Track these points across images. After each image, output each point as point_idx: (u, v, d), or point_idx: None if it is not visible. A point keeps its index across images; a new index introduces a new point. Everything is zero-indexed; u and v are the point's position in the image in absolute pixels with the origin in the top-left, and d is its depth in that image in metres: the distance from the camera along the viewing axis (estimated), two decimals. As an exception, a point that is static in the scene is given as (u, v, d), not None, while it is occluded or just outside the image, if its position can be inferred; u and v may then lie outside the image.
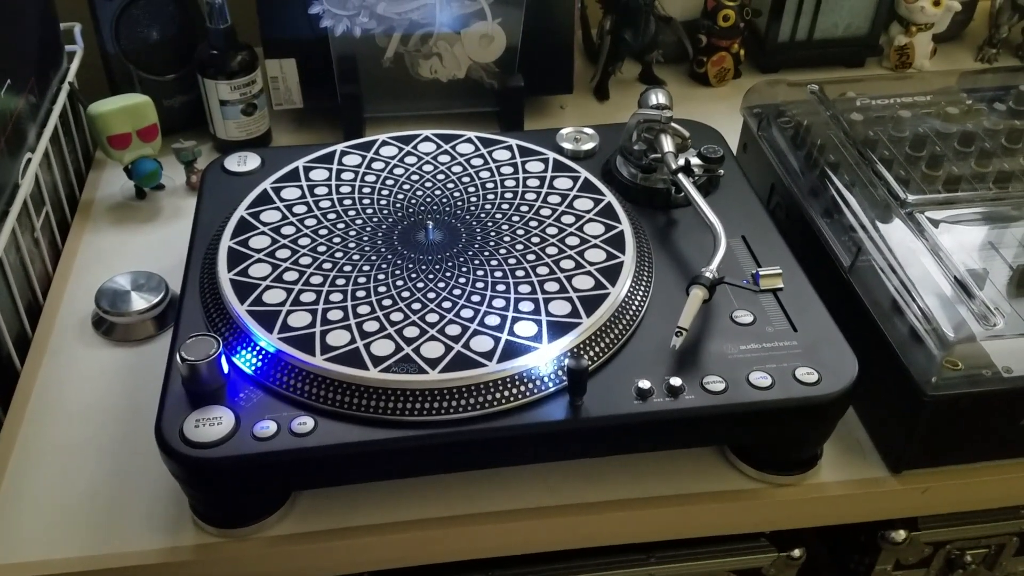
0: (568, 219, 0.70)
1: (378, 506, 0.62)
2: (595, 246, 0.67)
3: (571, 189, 0.73)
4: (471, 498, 0.63)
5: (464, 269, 0.65)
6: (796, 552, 0.72)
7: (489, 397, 0.57)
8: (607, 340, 0.61)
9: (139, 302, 0.73)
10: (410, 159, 0.76)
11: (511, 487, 0.63)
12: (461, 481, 0.63)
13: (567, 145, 0.79)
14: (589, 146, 0.79)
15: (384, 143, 0.77)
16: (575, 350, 0.59)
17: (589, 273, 0.64)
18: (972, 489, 0.66)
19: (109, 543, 0.60)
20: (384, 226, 0.69)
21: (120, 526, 0.61)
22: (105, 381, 0.70)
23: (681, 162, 0.72)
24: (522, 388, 0.57)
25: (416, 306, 0.62)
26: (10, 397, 0.69)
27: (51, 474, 0.64)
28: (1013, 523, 0.75)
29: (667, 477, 0.64)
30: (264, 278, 0.64)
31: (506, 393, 0.57)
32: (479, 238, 0.68)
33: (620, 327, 0.62)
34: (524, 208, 0.71)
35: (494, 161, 0.76)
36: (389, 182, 0.73)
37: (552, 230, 0.69)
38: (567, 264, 0.65)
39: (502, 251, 0.66)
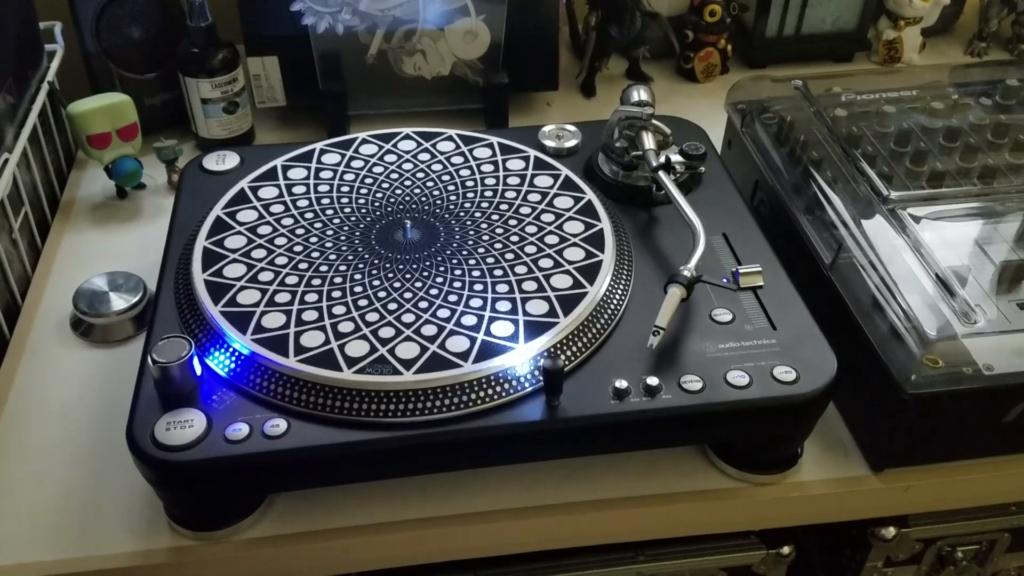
0: (548, 217, 0.69)
1: (355, 508, 0.62)
2: (574, 244, 0.66)
3: (551, 187, 0.72)
4: (450, 499, 0.62)
5: (442, 268, 0.64)
6: (786, 549, 0.71)
7: (464, 398, 0.56)
8: (584, 340, 0.60)
9: (117, 303, 0.73)
10: (390, 157, 0.75)
11: (490, 488, 0.63)
12: (439, 482, 0.63)
13: (549, 143, 0.78)
14: (572, 143, 0.79)
15: (364, 141, 0.77)
16: (552, 350, 0.59)
17: (567, 272, 0.64)
18: (954, 487, 0.66)
19: (84, 546, 0.59)
20: (362, 225, 0.68)
21: (95, 529, 0.60)
22: (83, 382, 0.70)
23: (662, 159, 0.71)
24: (498, 388, 0.57)
25: (392, 306, 0.61)
26: (-13, 399, 0.69)
27: (27, 476, 0.63)
28: (1004, 519, 0.74)
29: (647, 477, 0.64)
30: (239, 279, 0.63)
31: (482, 394, 0.57)
32: (458, 237, 0.67)
33: (598, 326, 0.61)
34: (504, 206, 0.70)
35: (475, 159, 0.75)
36: (368, 180, 0.73)
37: (531, 228, 0.68)
38: (545, 263, 0.65)
39: (480, 250, 0.66)
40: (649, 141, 0.72)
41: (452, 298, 0.62)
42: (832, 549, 0.80)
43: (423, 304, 0.61)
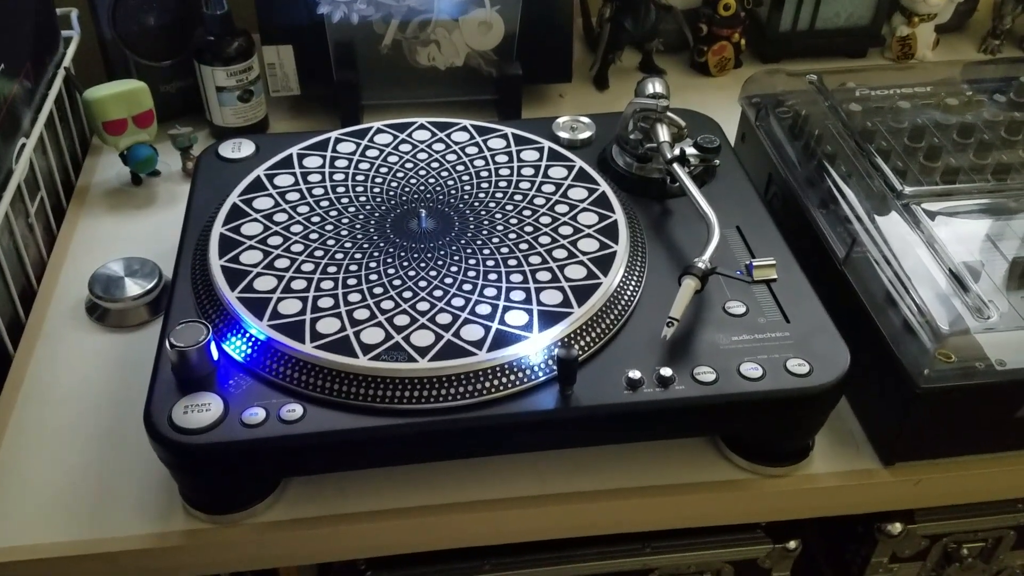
0: (562, 208, 0.69)
1: (368, 494, 0.62)
2: (588, 235, 0.67)
3: (565, 178, 0.72)
4: (462, 486, 0.63)
5: (456, 258, 0.65)
6: (792, 544, 0.72)
7: (478, 386, 0.57)
8: (598, 330, 0.60)
9: (132, 288, 0.73)
10: (404, 147, 0.76)
11: (502, 476, 0.63)
12: (452, 469, 0.63)
13: (563, 134, 0.79)
14: (585, 135, 0.79)
15: (379, 131, 0.77)
16: (566, 340, 0.59)
17: (581, 263, 0.64)
18: (965, 482, 0.66)
19: (99, 528, 0.60)
20: (377, 214, 0.69)
21: (110, 511, 0.61)
22: (98, 366, 0.70)
23: (676, 152, 0.71)
24: (512, 377, 0.57)
25: (407, 294, 0.62)
26: (2, 382, 0.69)
27: (42, 459, 0.64)
28: (1011, 516, 0.75)
29: (658, 467, 0.64)
30: (255, 265, 0.64)
31: (496, 382, 0.57)
32: (472, 227, 0.67)
33: (611, 317, 0.61)
34: (518, 197, 0.70)
35: (489, 149, 0.75)
36: (383, 170, 0.73)
37: (545, 219, 0.68)
38: (559, 253, 0.65)
39: (495, 240, 0.66)
40: (664, 133, 0.73)
41: (467, 287, 0.62)
42: (838, 544, 0.80)
43: (438, 293, 0.62)
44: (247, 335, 0.59)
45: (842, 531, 0.78)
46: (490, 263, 0.64)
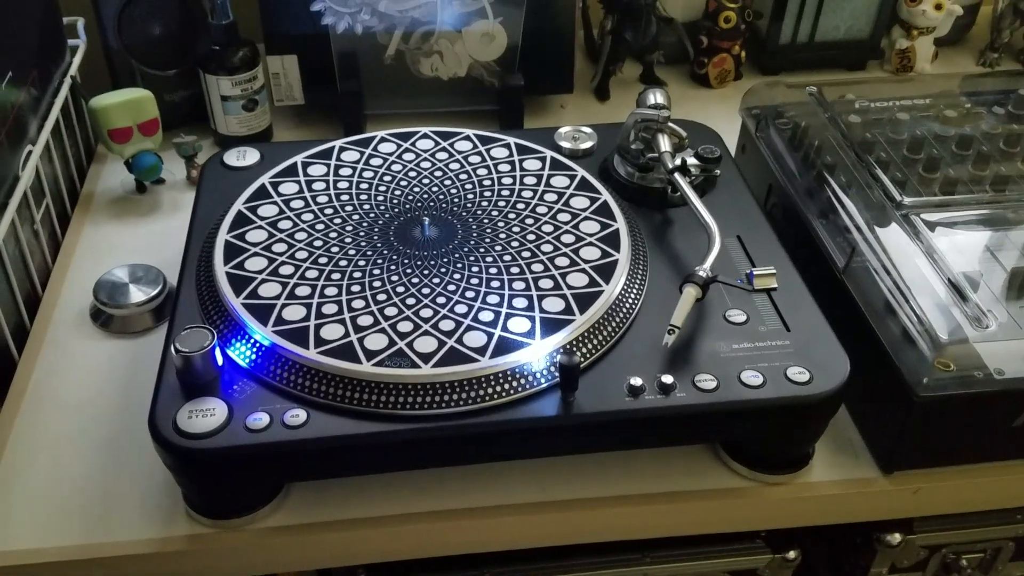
0: (564, 217, 0.70)
1: (371, 500, 0.62)
2: (590, 244, 0.67)
3: (568, 187, 0.73)
4: (464, 493, 0.63)
5: (459, 265, 0.65)
6: (791, 554, 0.72)
7: (481, 392, 0.57)
8: (600, 337, 0.61)
9: (137, 295, 0.74)
10: (408, 155, 0.76)
11: (503, 482, 0.63)
12: (454, 476, 0.63)
13: (565, 144, 0.79)
14: (587, 145, 0.79)
15: (383, 140, 0.78)
16: (568, 347, 0.59)
17: (583, 271, 0.65)
18: (964, 491, 0.66)
19: (103, 533, 0.60)
20: (381, 222, 0.69)
21: (114, 516, 0.61)
22: (102, 373, 0.71)
23: (678, 162, 0.72)
24: (514, 384, 0.58)
25: (410, 301, 0.62)
26: (7, 388, 0.70)
27: (46, 464, 0.64)
28: (1010, 527, 0.75)
29: (658, 474, 0.65)
30: (260, 272, 0.64)
31: (498, 388, 0.57)
32: (475, 235, 0.68)
33: (613, 325, 0.62)
34: (520, 205, 0.71)
35: (492, 159, 0.76)
36: (387, 178, 0.74)
37: (548, 228, 0.69)
38: (562, 261, 0.66)
39: (497, 248, 0.67)
40: (665, 143, 0.73)
41: (469, 294, 0.63)
42: (837, 554, 0.80)
43: (441, 300, 0.62)
44: (251, 341, 0.59)
45: (841, 541, 0.78)
46: (493, 270, 0.65)
